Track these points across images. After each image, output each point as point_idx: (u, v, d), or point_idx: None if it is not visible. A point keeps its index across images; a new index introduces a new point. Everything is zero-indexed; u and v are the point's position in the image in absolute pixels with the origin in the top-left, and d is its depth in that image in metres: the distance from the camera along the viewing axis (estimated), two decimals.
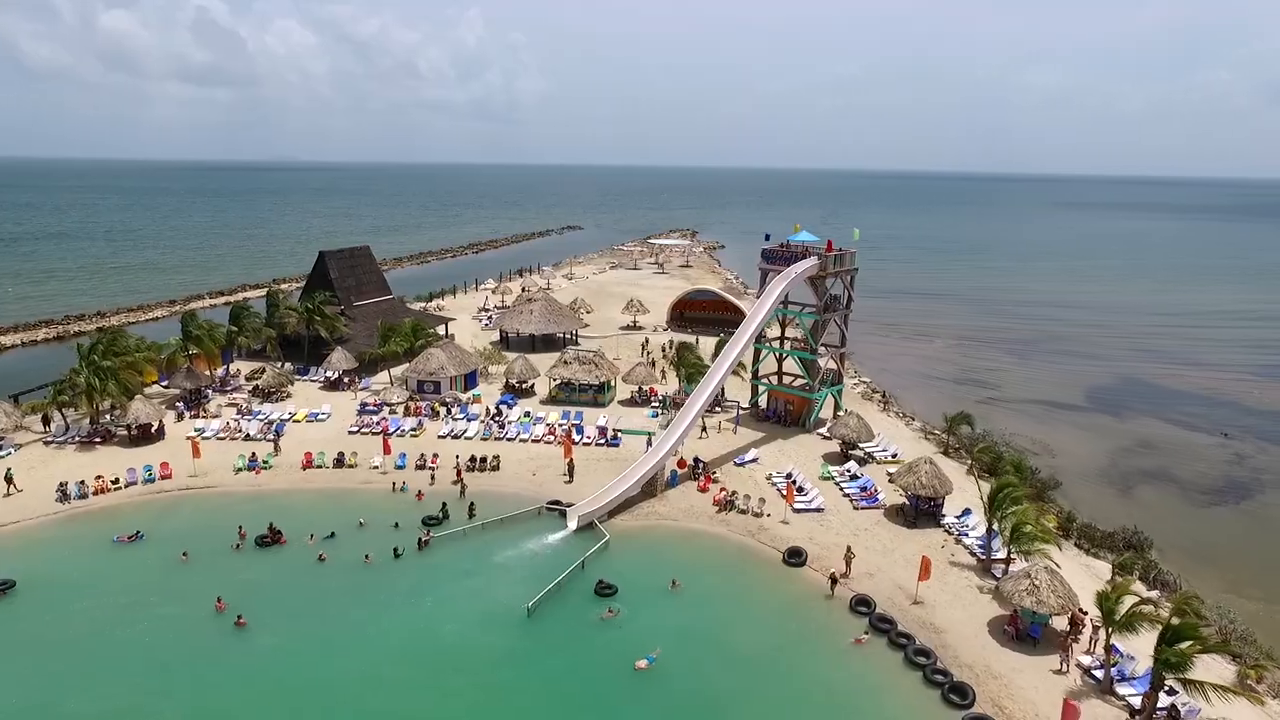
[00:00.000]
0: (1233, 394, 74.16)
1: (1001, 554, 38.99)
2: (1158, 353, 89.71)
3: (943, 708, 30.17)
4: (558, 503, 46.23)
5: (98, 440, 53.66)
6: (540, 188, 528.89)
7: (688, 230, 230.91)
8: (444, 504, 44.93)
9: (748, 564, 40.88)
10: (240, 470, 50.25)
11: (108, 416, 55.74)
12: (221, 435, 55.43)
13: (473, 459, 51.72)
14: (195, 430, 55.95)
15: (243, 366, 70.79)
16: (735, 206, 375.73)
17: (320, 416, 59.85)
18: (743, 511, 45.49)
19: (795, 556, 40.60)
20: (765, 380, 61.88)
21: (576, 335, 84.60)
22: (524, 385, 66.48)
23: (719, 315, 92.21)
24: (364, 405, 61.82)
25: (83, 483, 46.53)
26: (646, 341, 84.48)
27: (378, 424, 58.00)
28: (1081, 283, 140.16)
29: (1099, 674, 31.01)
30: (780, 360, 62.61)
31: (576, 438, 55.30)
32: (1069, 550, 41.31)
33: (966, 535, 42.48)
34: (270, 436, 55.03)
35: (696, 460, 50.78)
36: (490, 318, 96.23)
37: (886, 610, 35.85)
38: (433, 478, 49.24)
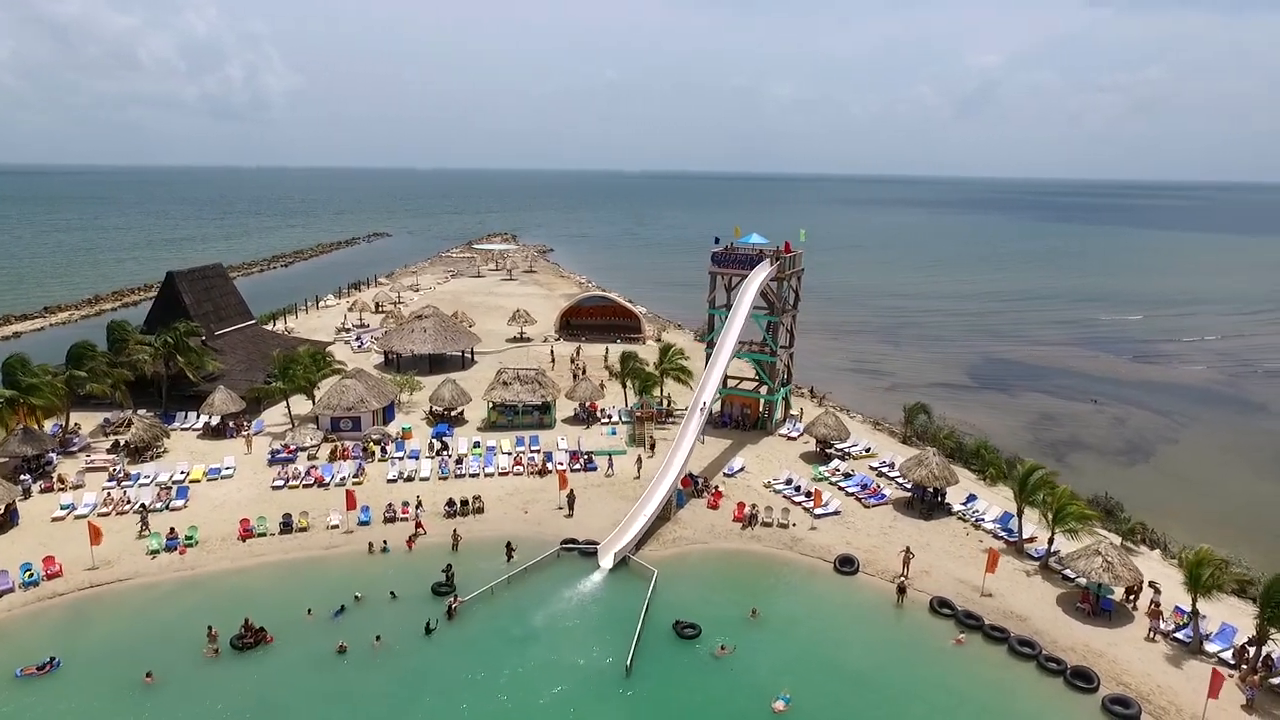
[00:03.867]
0: (1072, 365, 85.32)
1: (1028, 535, 41.00)
2: (997, 333, 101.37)
3: (1072, 693, 30.87)
4: (574, 541, 41.74)
5: None
6: (310, 194, 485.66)
7: (508, 234, 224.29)
8: (449, 565, 38.42)
9: (803, 579, 39.55)
10: (157, 552, 39.77)
11: None
12: (104, 510, 43.68)
13: (451, 503, 45.26)
14: (62, 507, 43.70)
15: (81, 420, 56.72)
16: (539, 209, 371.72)
17: (223, 473, 49.36)
18: (766, 524, 44.00)
19: (847, 564, 39.86)
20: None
21: (474, 353, 78.04)
22: (454, 413, 59.76)
23: (612, 321, 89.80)
24: (274, 453, 51.98)
25: None
26: (552, 353, 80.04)
27: (307, 474, 48.99)
28: (899, 273, 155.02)
29: (1181, 636, 33.38)
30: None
31: (559, 465, 50.65)
32: None
33: (983, 520, 44.29)
34: (172, 504, 44.39)
35: (693, 477, 48.41)
36: (359, 338, 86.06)
37: (966, 606, 36.16)
38: (418, 534, 42.26)
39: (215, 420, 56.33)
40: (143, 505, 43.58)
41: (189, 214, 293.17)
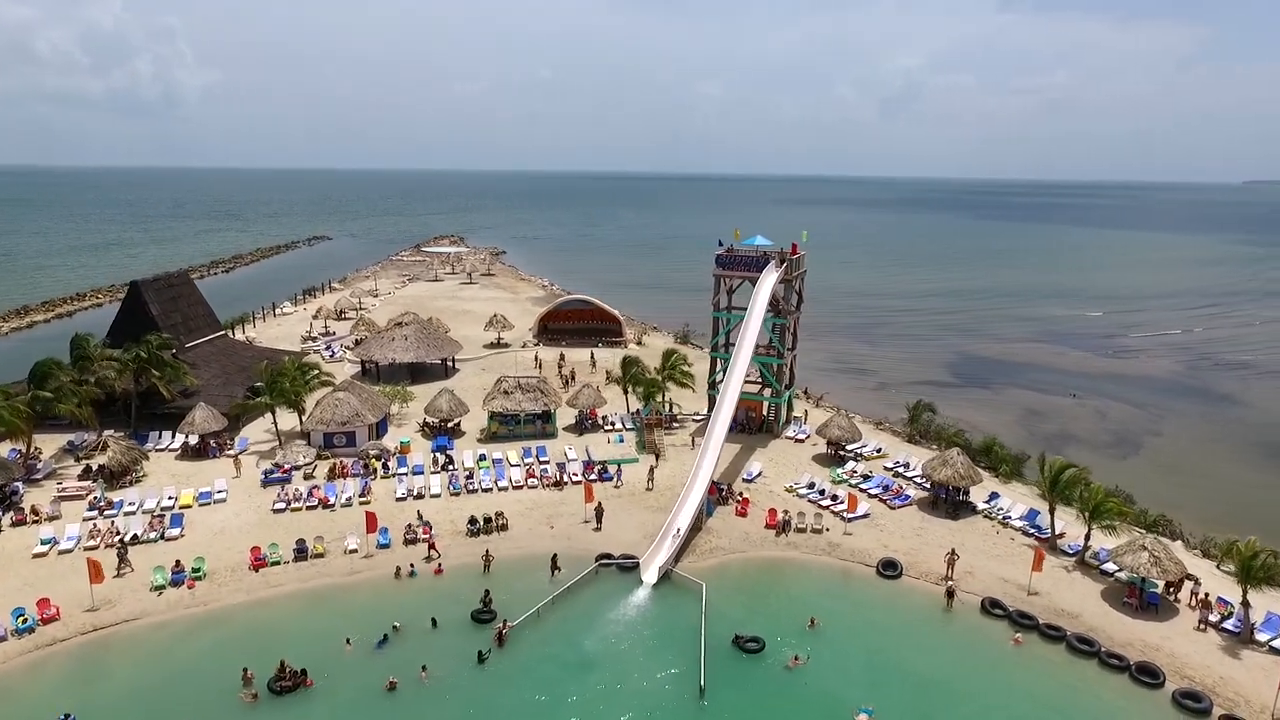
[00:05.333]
0: (1044, 360, 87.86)
1: (1057, 531, 41.52)
2: (966, 330, 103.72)
3: (1139, 689, 31.17)
4: (609, 556, 40.27)
5: None
6: (235, 195, 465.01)
7: (455, 237, 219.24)
8: (487, 591, 36.40)
9: (849, 585, 39.16)
10: (162, 587, 36.56)
11: None
12: (91, 543, 39.96)
13: (473, 520, 43.16)
14: (43, 542, 39.87)
15: (41, 443, 52.10)
16: (482, 210, 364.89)
17: (216, 496, 45.96)
18: (800, 529, 43.41)
19: (891, 568, 39.60)
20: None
21: (455, 361, 75.34)
22: (451, 424, 57.32)
23: (592, 324, 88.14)
24: (268, 474, 48.75)
25: None
26: (537, 359, 77.98)
27: (309, 494, 46.04)
28: (860, 272, 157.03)
29: (1229, 626, 34.12)
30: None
31: (578, 477, 49.10)
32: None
33: (1010, 518, 44.69)
34: (167, 533, 41.04)
35: (717, 484, 47.46)
36: (330, 347, 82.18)
37: (1017, 606, 36.22)
38: (431, 557, 40.00)
39: (194, 440, 52.57)
40: (122, 540, 39.72)
41: (110, 217, 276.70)
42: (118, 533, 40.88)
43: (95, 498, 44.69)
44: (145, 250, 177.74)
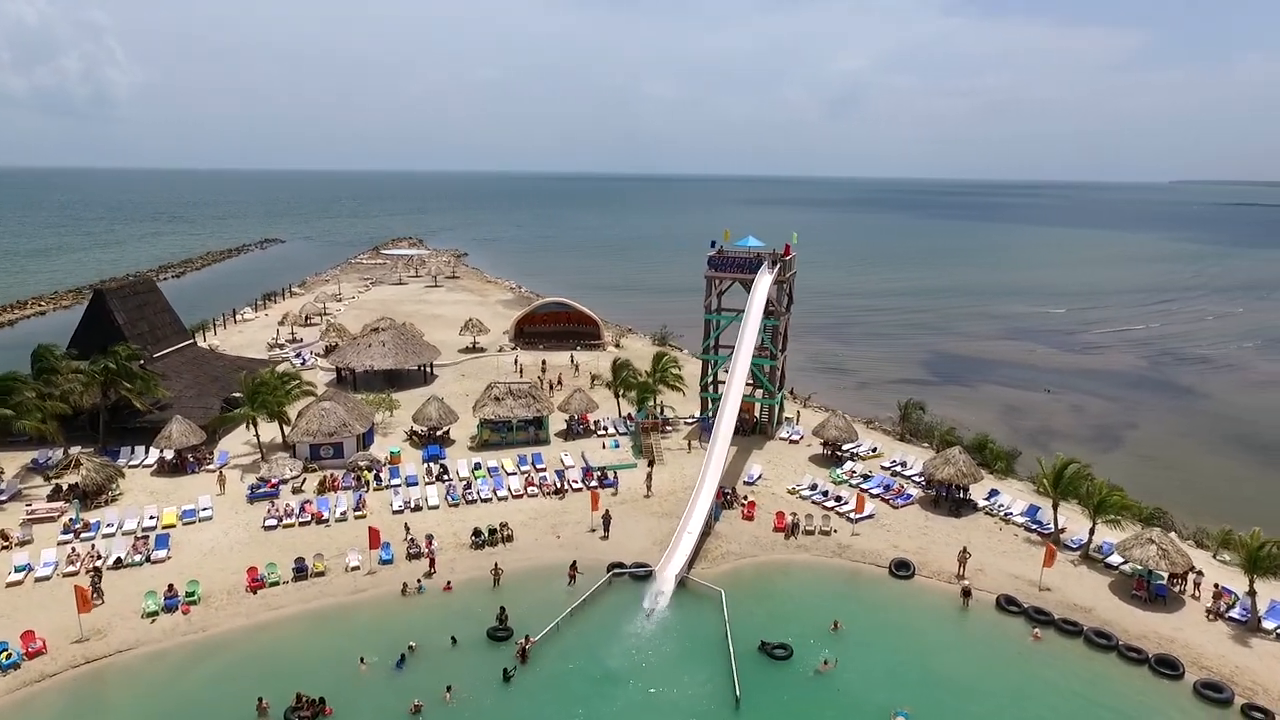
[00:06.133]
0: (1015, 357, 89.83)
1: (1059, 526, 42.20)
2: (935, 328, 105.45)
3: (1161, 681, 31.80)
4: (621, 565, 39.52)
5: None
6: (176, 197, 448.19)
7: (415, 239, 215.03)
8: (502, 608, 35.20)
9: (865, 586, 39.18)
10: (155, 614, 34.54)
11: None
12: (70, 569, 37.58)
13: (477, 533, 41.93)
14: (17, 569, 37.39)
15: (2, 462, 49.10)
16: (438, 212, 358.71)
17: (201, 514, 43.76)
18: (809, 532, 43.28)
19: (903, 569, 39.71)
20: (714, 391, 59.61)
21: (433, 367, 73.55)
22: (439, 432, 55.77)
23: (570, 327, 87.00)
24: (254, 489, 46.68)
25: None
26: (517, 363, 76.63)
27: (301, 509, 44.18)
28: (826, 271, 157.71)
29: (1236, 615, 35.01)
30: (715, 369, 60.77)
31: (578, 484, 48.26)
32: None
33: (1011, 514, 45.27)
34: (153, 556, 38.91)
35: (721, 488, 47.01)
36: (300, 354, 79.46)
37: (1031, 602, 36.61)
38: (431, 574, 38.67)
39: (171, 455, 50.07)
40: (96, 567, 37.43)
41: (45, 221, 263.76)
42: (99, 556, 38.58)
43: (70, 520, 42.13)
44: (89, 255, 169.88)
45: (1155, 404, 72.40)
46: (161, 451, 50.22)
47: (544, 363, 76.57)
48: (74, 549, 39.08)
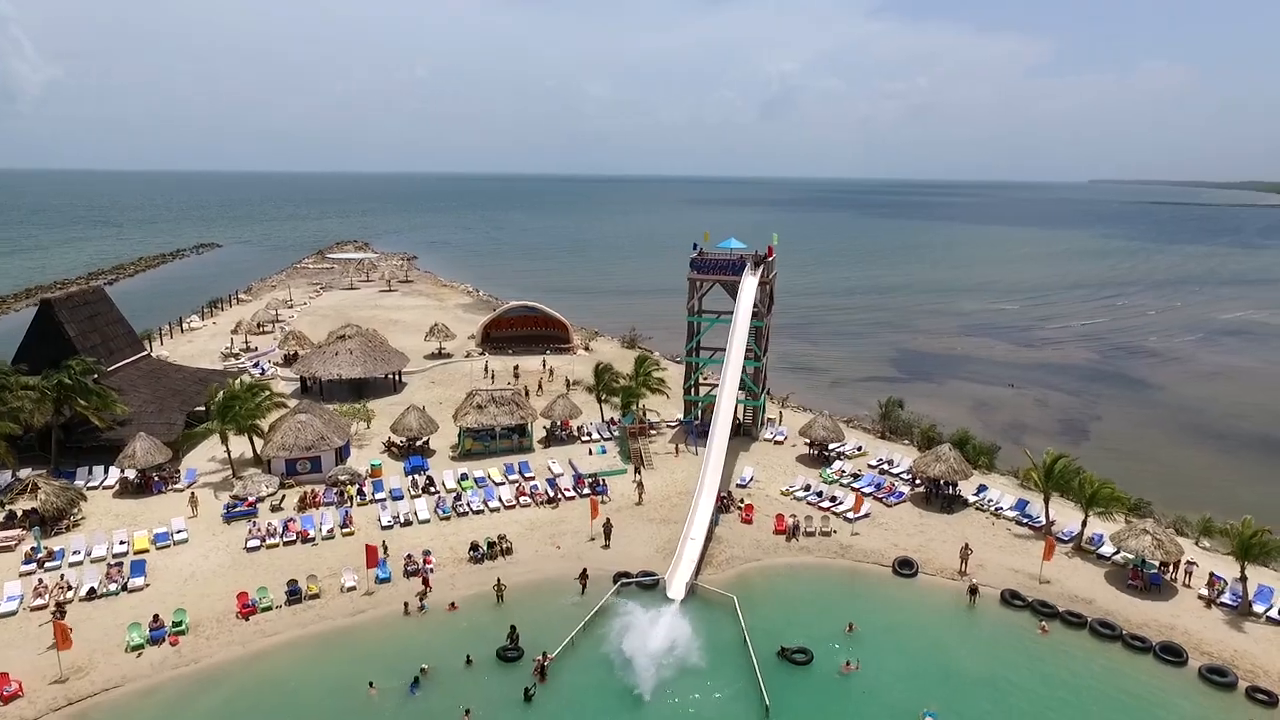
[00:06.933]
0: (975, 352, 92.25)
1: (1051, 519, 43.24)
2: (895, 325, 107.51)
3: (1166, 668, 32.70)
4: (627, 575, 38.81)
5: None
6: (96, 199, 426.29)
7: (360, 242, 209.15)
8: (512, 627, 33.99)
9: (871, 586, 39.31)
10: (140, 647, 32.28)
11: None
12: (38, 602, 34.89)
13: (475, 547, 40.60)
14: None
15: None
16: (381, 214, 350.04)
17: (176, 537, 41.27)
18: (809, 533, 43.32)
19: (907, 567, 40.06)
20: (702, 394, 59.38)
21: (401, 375, 71.39)
22: (420, 443, 54.02)
23: (539, 331, 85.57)
24: (230, 508, 44.29)
25: None
26: (488, 368, 74.97)
27: (285, 528, 42.08)
28: (779, 270, 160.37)
29: (1227, 600, 36.33)
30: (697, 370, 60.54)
31: (570, 493, 47.28)
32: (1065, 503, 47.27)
33: (1001, 509, 46.20)
34: (130, 584, 36.46)
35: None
36: (258, 363, 76.17)
37: (1036, 595, 37.31)
38: (426, 593, 37.28)
39: (134, 474, 47.15)
40: (58, 602, 34.89)
41: None
42: (69, 587, 35.96)
43: (32, 548, 39.18)
44: (9, 261, 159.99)
45: (1114, 396, 75.21)
46: (124, 471, 47.24)
47: (516, 368, 75.09)
48: (41, 580, 36.31)
